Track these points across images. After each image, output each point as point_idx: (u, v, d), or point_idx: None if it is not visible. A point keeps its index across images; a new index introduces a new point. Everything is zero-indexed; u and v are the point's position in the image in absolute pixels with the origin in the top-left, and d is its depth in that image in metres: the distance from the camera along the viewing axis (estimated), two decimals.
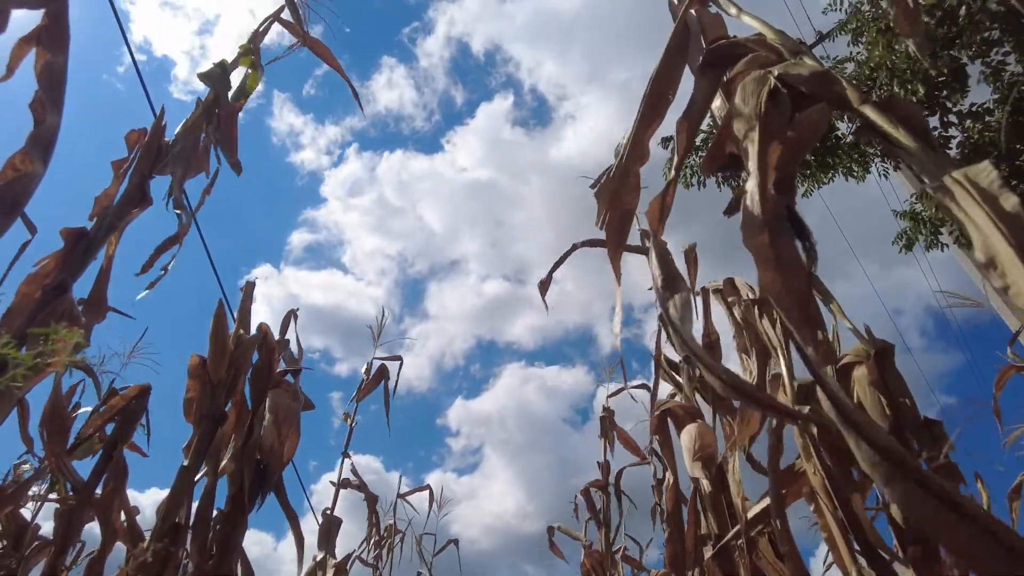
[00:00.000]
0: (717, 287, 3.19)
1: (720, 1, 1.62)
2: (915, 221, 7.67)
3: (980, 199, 1.04)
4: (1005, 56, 6.09)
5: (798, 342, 1.03)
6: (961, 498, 0.78)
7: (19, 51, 2.28)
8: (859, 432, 0.90)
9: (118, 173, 2.64)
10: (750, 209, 1.15)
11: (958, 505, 0.78)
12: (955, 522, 0.78)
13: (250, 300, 3.40)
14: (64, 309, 2.45)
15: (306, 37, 3.24)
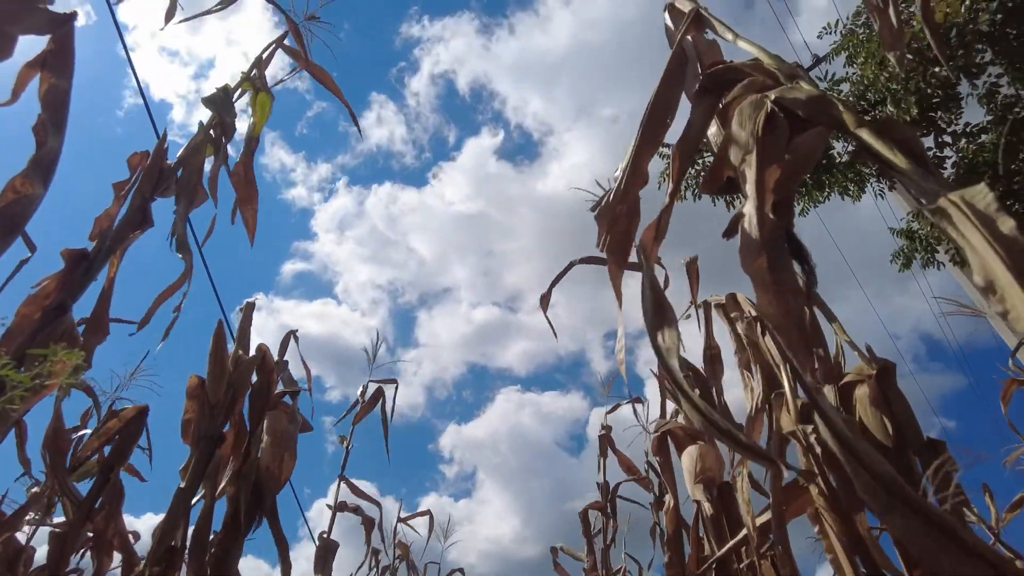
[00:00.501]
0: (719, 302, 3.18)
1: (717, 27, 1.65)
2: (911, 239, 7.71)
3: (977, 221, 1.05)
4: (998, 78, 6.16)
5: (795, 368, 1.04)
6: (963, 531, 0.78)
7: (25, 76, 2.31)
8: (858, 460, 0.89)
9: (119, 194, 2.65)
10: (748, 232, 1.16)
11: (960, 538, 0.77)
12: (957, 555, 0.77)
13: (249, 321, 3.39)
14: (64, 330, 2.45)
15: (307, 62, 3.28)
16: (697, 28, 1.70)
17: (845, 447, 0.91)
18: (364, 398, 5.16)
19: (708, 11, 1.69)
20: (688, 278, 3.73)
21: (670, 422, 3.51)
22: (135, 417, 3.08)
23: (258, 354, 3.21)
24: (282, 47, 3.30)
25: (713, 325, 3.58)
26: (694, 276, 3.62)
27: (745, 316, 2.81)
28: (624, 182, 1.59)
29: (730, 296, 3.15)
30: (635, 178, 1.59)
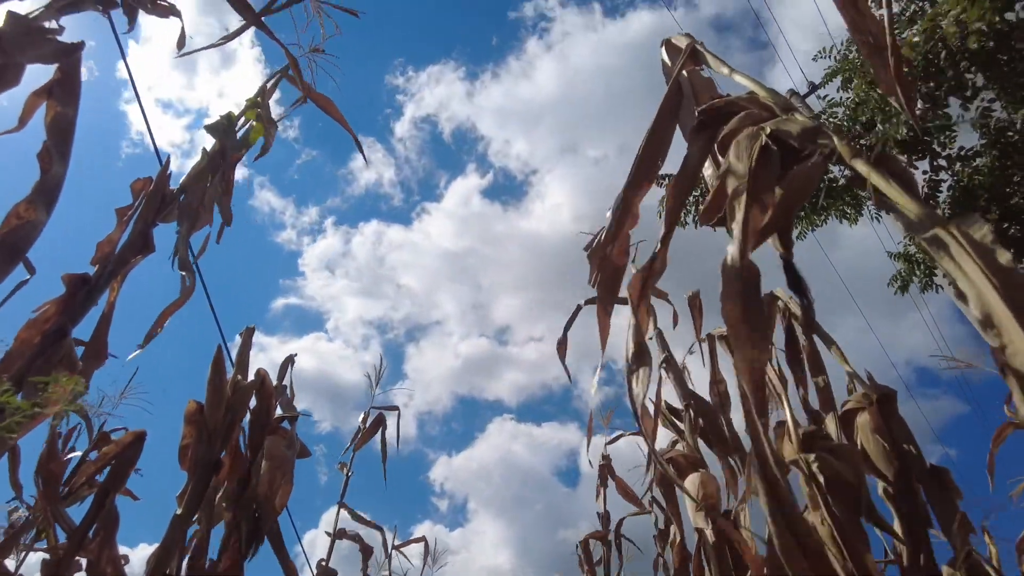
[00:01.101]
0: (723, 334, 3.19)
1: (712, 62, 1.67)
2: (909, 263, 7.74)
3: (974, 253, 1.06)
4: (991, 103, 6.24)
5: (753, 423, 1.05)
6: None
7: (32, 104, 2.34)
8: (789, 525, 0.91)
9: (121, 220, 2.67)
10: (728, 275, 1.17)
11: None
12: None
13: (248, 346, 3.39)
14: (63, 354, 2.45)
15: (310, 91, 3.33)
16: (693, 63, 1.72)
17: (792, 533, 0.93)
18: (365, 424, 5.13)
19: (704, 46, 1.72)
20: (691, 312, 3.74)
21: (671, 451, 3.49)
22: (132, 442, 3.05)
23: (257, 378, 3.20)
24: (286, 77, 3.35)
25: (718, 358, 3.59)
26: (697, 310, 3.63)
27: None
28: (615, 222, 1.60)
29: None
30: (626, 217, 1.60)
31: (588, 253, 1.76)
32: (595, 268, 1.68)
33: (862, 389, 2.37)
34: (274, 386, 3.38)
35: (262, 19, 2.91)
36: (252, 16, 2.90)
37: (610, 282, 1.64)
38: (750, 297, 1.15)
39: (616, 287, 1.66)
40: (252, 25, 2.96)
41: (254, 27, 2.95)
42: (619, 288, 1.67)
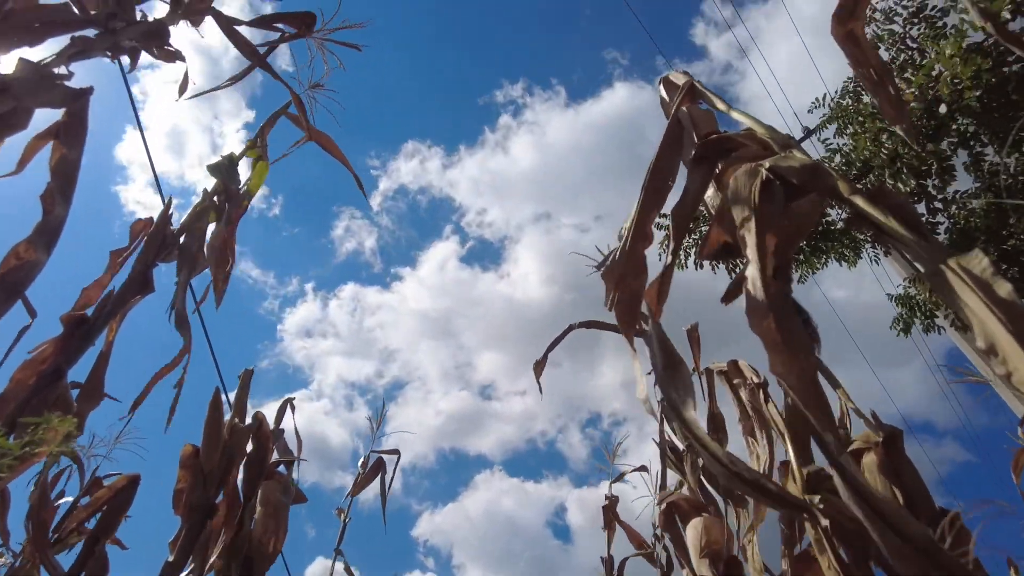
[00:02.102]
0: (721, 368, 3.16)
1: (711, 98, 1.71)
2: (909, 305, 7.75)
3: (974, 286, 1.05)
4: (983, 148, 6.35)
5: (814, 427, 1.01)
6: None
7: (33, 147, 2.37)
8: (886, 522, 0.85)
9: (115, 262, 2.68)
10: (753, 295, 1.17)
11: None
12: None
13: (247, 388, 3.35)
14: (58, 395, 2.42)
15: (311, 130, 3.38)
16: (691, 100, 1.76)
17: (872, 508, 0.86)
18: (364, 469, 5.04)
19: (701, 84, 1.76)
20: (690, 345, 3.72)
21: (674, 493, 3.41)
22: (125, 487, 2.99)
23: (254, 422, 3.15)
24: (286, 115, 3.42)
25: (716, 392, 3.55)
26: (695, 343, 3.61)
27: (748, 383, 2.78)
28: (629, 242, 1.62)
29: (732, 363, 3.13)
30: (640, 238, 1.62)
31: (602, 273, 1.75)
32: (611, 289, 1.67)
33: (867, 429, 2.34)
34: (271, 430, 3.33)
35: (266, 60, 2.98)
36: (257, 57, 2.97)
37: (629, 304, 1.63)
38: (782, 308, 1.14)
39: (636, 309, 1.66)
40: (257, 66, 3.03)
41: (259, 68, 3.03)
42: (639, 308, 1.67)
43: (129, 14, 2.74)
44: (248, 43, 2.98)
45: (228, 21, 3.00)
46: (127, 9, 2.73)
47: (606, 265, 1.76)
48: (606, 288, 1.70)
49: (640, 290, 1.67)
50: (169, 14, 2.93)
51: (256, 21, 3.07)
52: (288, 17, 3.12)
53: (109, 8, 2.62)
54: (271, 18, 3.10)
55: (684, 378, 1.37)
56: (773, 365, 1.12)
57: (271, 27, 3.10)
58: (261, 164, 3.25)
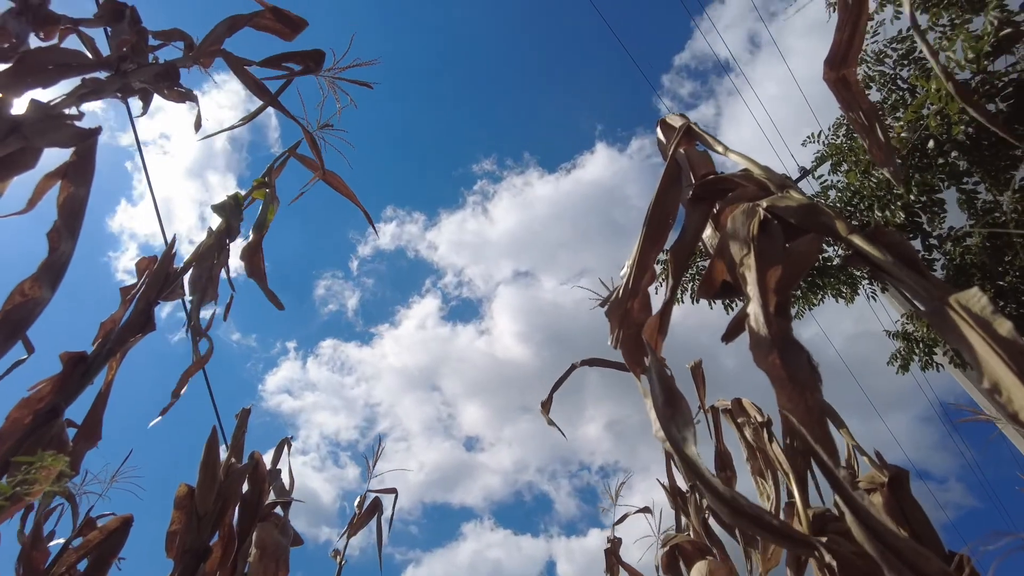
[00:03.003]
0: (726, 407, 3.14)
1: (707, 140, 1.74)
2: (908, 341, 7.74)
3: (975, 324, 1.06)
4: (976, 185, 6.43)
5: (823, 462, 1.00)
6: None
7: (43, 186, 2.40)
8: (902, 560, 0.83)
9: (125, 299, 2.68)
10: (756, 331, 1.17)
11: None
12: None
13: (244, 428, 3.31)
14: (53, 434, 2.40)
15: (322, 170, 3.43)
16: (688, 141, 1.80)
17: (886, 545, 0.84)
18: (361, 509, 4.96)
19: (698, 126, 1.79)
20: (694, 382, 3.70)
21: (678, 536, 3.35)
22: (118, 529, 2.93)
23: (251, 462, 3.11)
24: (295, 156, 3.47)
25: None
26: (700, 380, 3.59)
27: (752, 422, 2.76)
28: (632, 278, 1.63)
29: (736, 401, 3.11)
30: (643, 274, 1.63)
31: (606, 310, 1.76)
32: (616, 325, 1.67)
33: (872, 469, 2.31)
34: (268, 470, 3.28)
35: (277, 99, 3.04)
36: (269, 97, 3.03)
37: (634, 340, 1.63)
38: (786, 342, 1.14)
39: (641, 345, 1.65)
40: (269, 105, 3.09)
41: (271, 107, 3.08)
42: (644, 346, 1.67)
43: (141, 57, 2.81)
44: (259, 83, 3.04)
45: (238, 62, 3.07)
46: (140, 52, 2.80)
47: (610, 302, 1.76)
48: (610, 325, 1.70)
49: (644, 326, 1.67)
50: (181, 56, 3.00)
51: (267, 61, 3.14)
52: (297, 56, 3.19)
53: (123, 51, 2.68)
54: (281, 58, 3.17)
55: (684, 414, 1.36)
56: (780, 401, 1.12)
57: (281, 67, 3.17)
58: (272, 207, 3.29)
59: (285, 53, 3.19)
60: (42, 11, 2.53)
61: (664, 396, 1.46)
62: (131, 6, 2.91)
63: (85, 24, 2.75)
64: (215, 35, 3.04)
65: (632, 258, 1.69)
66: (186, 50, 3.03)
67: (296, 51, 3.22)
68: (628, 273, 1.67)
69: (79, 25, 2.71)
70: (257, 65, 3.15)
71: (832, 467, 0.99)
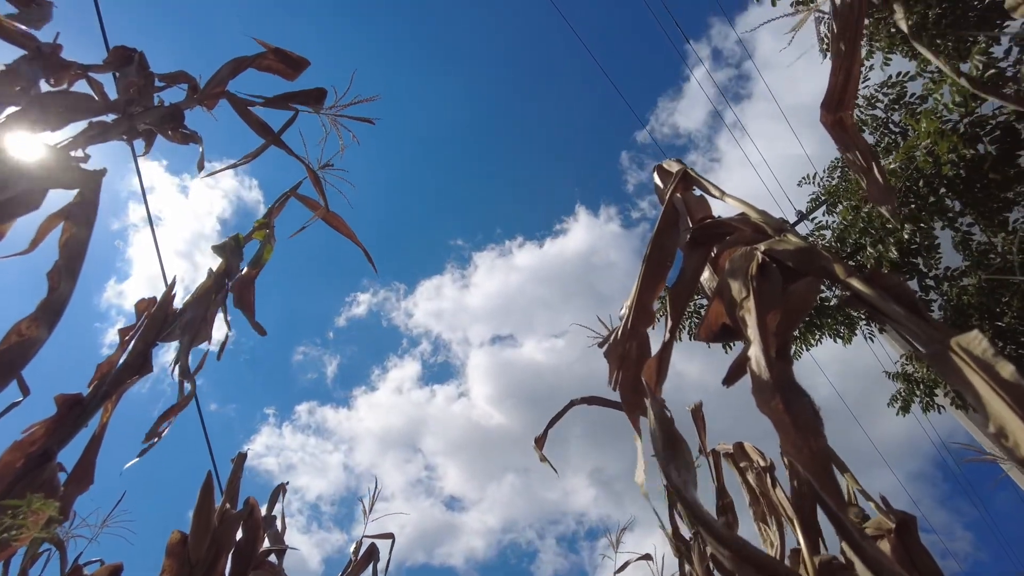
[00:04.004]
0: (727, 450, 3.09)
1: (704, 184, 1.77)
2: (908, 382, 7.70)
3: (977, 367, 1.06)
4: (970, 227, 6.49)
5: (830, 508, 0.99)
6: None
7: (47, 226, 2.42)
8: None
9: (123, 340, 2.67)
10: (758, 375, 1.17)
11: None
12: None
13: (240, 473, 3.26)
14: (44, 479, 2.35)
15: (325, 211, 3.46)
16: (685, 186, 1.82)
17: None
18: (356, 556, 4.83)
19: (694, 171, 1.82)
20: (695, 425, 3.66)
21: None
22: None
23: (246, 508, 3.04)
24: (296, 196, 3.50)
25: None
26: (700, 423, 3.55)
27: (755, 466, 2.73)
28: (631, 320, 1.63)
29: (737, 445, 3.07)
30: (642, 316, 1.63)
31: (604, 351, 1.75)
32: (614, 367, 1.66)
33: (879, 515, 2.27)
34: (263, 516, 3.21)
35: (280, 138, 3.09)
36: (272, 136, 3.08)
37: (633, 382, 1.62)
38: (788, 387, 1.13)
39: (640, 387, 1.64)
40: (272, 144, 3.13)
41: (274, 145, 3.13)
42: (643, 388, 1.65)
43: (147, 100, 2.87)
44: (262, 123, 3.09)
45: (242, 103, 3.13)
46: (146, 96, 2.86)
47: (608, 343, 1.76)
48: (609, 367, 1.70)
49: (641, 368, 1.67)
50: (186, 98, 3.06)
51: (270, 101, 3.20)
52: (300, 96, 3.25)
53: (130, 95, 2.74)
54: (284, 98, 3.23)
55: (684, 458, 1.35)
56: (784, 446, 1.11)
57: (285, 107, 3.22)
58: (269, 247, 3.31)
59: (288, 93, 3.26)
60: (54, 58, 2.59)
61: (664, 438, 1.45)
62: (139, 52, 2.99)
63: (94, 70, 2.81)
64: (219, 77, 3.11)
65: (631, 299, 1.69)
66: (190, 92, 3.09)
67: (298, 91, 3.28)
68: (627, 314, 1.67)
69: (89, 71, 2.77)
70: (260, 105, 3.21)
71: (839, 513, 0.97)
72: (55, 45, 2.65)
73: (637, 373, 1.64)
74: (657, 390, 1.64)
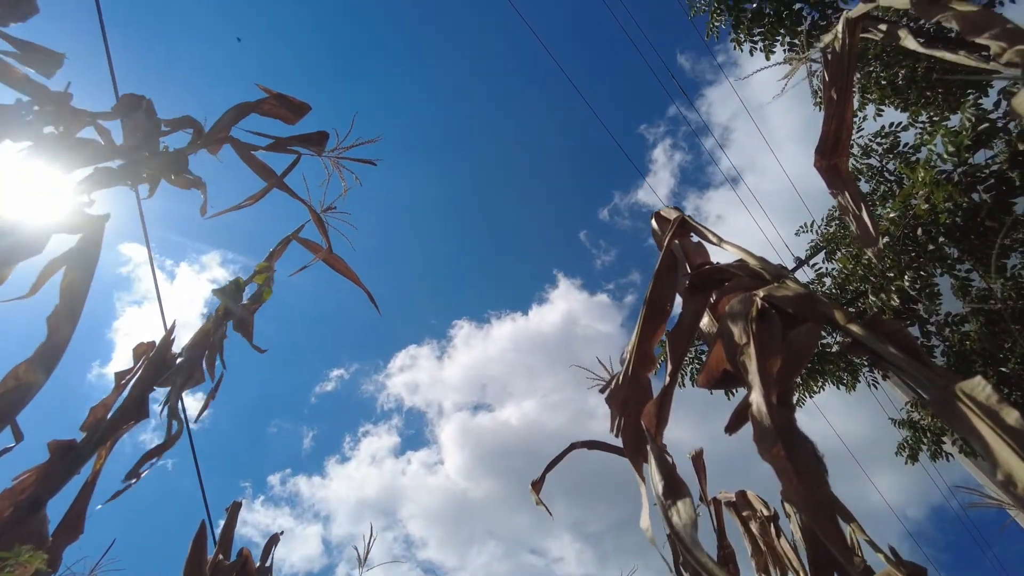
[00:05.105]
0: (729, 499, 3.02)
1: (702, 231, 1.78)
2: (915, 430, 7.59)
3: (982, 414, 1.04)
4: (968, 272, 6.51)
5: (836, 560, 0.96)
6: None
7: (48, 271, 2.42)
8: None
9: (120, 384, 2.64)
10: (760, 421, 1.15)
11: None
12: None
13: (234, 523, 3.18)
14: (34, 528, 2.29)
15: (328, 253, 3.48)
16: (682, 233, 1.83)
17: None
18: None
19: (691, 218, 1.84)
20: (695, 472, 3.59)
21: None
22: None
23: (240, 559, 2.96)
24: (297, 240, 3.53)
25: None
26: (701, 470, 3.48)
27: (757, 515, 2.66)
28: (632, 366, 1.62)
29: (740, 493, 3.01)
30: (642, 362, 1.62)
31: (606, 397, 1.73)
32: (616, 414, 1.64)
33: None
34: (257, 567, 3.12)
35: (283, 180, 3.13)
36: (274, 179, 3.12)
37: (635, 429, 1.60)
38: (790, 435, 1.11)
39: (641, 433, 1.62)
40: (274, 187, 3.17)
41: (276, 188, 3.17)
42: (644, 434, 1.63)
43: (153, 145, 2.91)
44: (265, 166, 3.14)
45: (245, 147, 3.18)
46: (152, 141, 2.91)
47: (609, 389, 1.75)
48: (611, 413, 1.68)
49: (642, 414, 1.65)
50: (190, 143, 3.11)
51: (272, 146, 3.25)
52: (302, 139, 3.31)
53: (136, 140, 2.78)
54: (287, 141, 3.28)
55: (685, 503, 1.33)
56: (787, 494, 1.09)
57: (287, 150, 3.28)
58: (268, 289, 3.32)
59: (291, 137, 3.32)
60: (65, 107, 2.64)
61: (665, 483, 1.43)
62: (148, 99, 3.05)
63: (103, 117, 2.86)
64: (223, 122, 3.17)
65: (631, 344, 1.69)
66: (195, 136, 3.14)
67: (300, 134, 3.34)
68: (628, 360, 1.66)
69: (98, 119, 2.82)
70: (263, 149, 3.26)
71: (845, 563, 0.95)
72: (66, 94, 2.70)
73: (639, 419, 1.63)
74: (658, 435, 1.62)
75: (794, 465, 1.08)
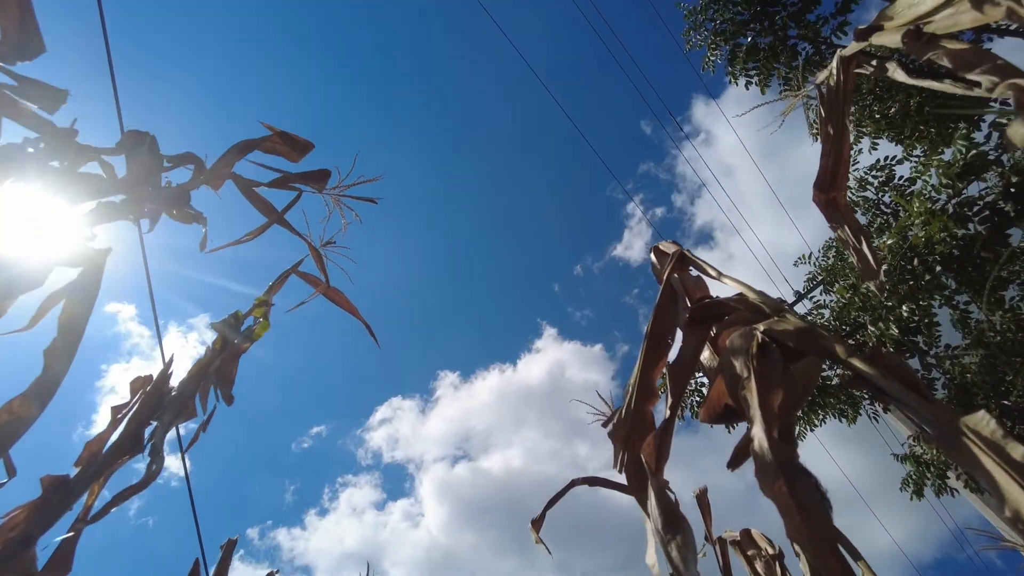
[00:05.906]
0: (734, 538, 2.97)
1: (701, 265, 1.79)
2: (918, 464, 7.52)
3: (987, 449, 1.04)
4: (967, 304, 6.53)
5: None
6: None
7: (47, 305, 2.42)
8: None
9: (115, 418, 2.62)
10: (761, 457, 1.14)
11: None
12: None
13: (229, 562, 3.11)
14: (23, 567, 2.24)
15: (326, 287, 3.49)
16: (681, 267, 1.85)
17: None
18: None
19: (691, 252, 1.85)
20: (700, 511, 3.54)
21: None
22: None
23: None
24: (296, 273, 3.54)
25: None
26: (706, 509, 3.43)
27: (763, 554, 2.62)
28: (634, 399, 1.61)
29: (744, 532, 2.96)
30: (645, 395, 1.61)
31: (608, 432, 1.72)
32: (619, 449, 1.62)
33: None
34: None
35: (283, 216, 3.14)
36: (275, 215, 3.14)
37: (638, 464, 1.58)
38: (793, 470, 1.10)
39: (643, 469, 1.60)
40: (275, 223, 3.19)
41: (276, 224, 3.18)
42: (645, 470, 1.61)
43: (155, 180, 2.94)
44: (267, 203, 3.16)
45: (247, 184, 3.21)
46: (154, 176, 2.94)
47: (612, 423, 1.73)
48: (614, 448, 1.66)
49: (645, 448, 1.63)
50: (192, 179, 3.14)
51: (274, 183, 3.28)
52: (304, 176, 3.34)
53: (138, 176, 2.81)
54: (289, 178, 3.31)
55: (686, 538, 1.31)
56: (790, 531, 1.07)
57: (288, 187, 3.30)
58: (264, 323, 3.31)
59: (293, 174, 3.35)
60: (71, 143, 2.68)
61: (665, 519, 1.41)
62: (151, 135, 3.09)
63: (107, 153, 2.90)
64: (225, 159, 3.20)
65: (633, 379, 1.68)
66: (196, 172, 3.17)
67: (303, 171, 3.38)
68: (630, 393, 1.65)
69: (102, 154, 2.86)
70: (265, 186, 3.29)
71: None
72: (72, 130, 2.74)
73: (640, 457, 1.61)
74: (658, 470, 1.60)
75: (796, 501, 1.06)
